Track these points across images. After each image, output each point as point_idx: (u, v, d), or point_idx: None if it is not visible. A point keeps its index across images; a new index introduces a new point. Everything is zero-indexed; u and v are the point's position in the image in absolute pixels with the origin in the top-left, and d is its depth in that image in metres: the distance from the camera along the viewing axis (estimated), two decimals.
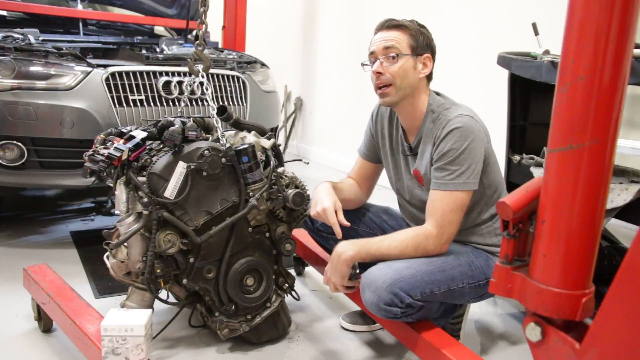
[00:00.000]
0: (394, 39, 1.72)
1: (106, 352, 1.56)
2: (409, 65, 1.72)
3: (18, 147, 2.51)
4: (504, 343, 2.00)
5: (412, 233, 1.69)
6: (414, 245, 1.66)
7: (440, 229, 1.65)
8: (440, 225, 1.65)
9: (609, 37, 0.85)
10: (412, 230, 1.71)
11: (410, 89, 1.73)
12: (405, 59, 1.71)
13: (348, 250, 1.67)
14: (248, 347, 1.88)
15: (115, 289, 2.26)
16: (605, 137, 0.89)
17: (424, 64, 1.74)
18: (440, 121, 1.70)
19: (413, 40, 1.72)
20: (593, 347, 0.90)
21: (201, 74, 1.91)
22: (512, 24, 3.18)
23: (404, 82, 1.72)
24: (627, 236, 2.33)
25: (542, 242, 0.97)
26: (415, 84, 1.73)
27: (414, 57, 1.72)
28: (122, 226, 1.69)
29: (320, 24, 5.04)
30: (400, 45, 1.71)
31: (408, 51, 1.72)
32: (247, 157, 1.70)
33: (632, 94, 2.68)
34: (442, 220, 1.65)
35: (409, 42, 1.72)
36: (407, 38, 1.72)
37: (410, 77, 1.72)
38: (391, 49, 1.71)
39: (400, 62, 1.71)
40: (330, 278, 1.71)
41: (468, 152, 1.64)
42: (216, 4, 3.74)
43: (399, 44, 1.71)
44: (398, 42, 1.72)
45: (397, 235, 1.70)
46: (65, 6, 3.90)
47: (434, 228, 1.65)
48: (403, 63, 1.71)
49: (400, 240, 1.67)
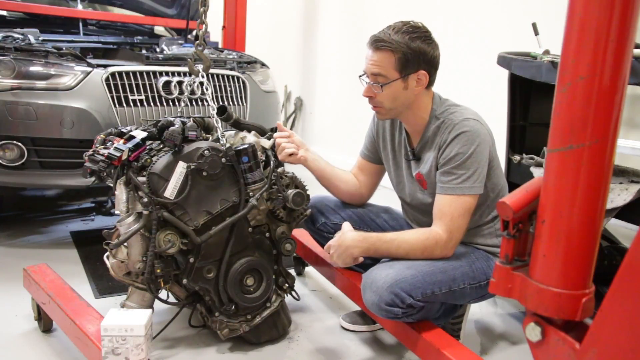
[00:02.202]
0: (380, 65, 1.64)
1: (106, 352, 1.56)
2: (398, 88, 1.66)
3: (18, 147, 2.51)
4: (504, 343, 2.00)
5: (422, 236, 1.67)
6: (423, 249, 1.65)
7: (450, 233, 1.64)
8: (450, 230, 1.64)
9: (609, 37, 0.85)
10: (423, 234, 1.68)
11: (403, 107, 1.71)
12: (393, 85, 1.65)
13: (357, 246, 1.66)
14: (248, 347, 1.88)
15: (115, 289, 2.26)
16: (605, 137, 0.89)
17: (418, 79, 1.67)
18: (446, 125, 1.68)
19: (400, 63, 1.63)
20: (593, 347, 0.90)
21: (201, 74, 1.91)
22: (512, 24, 3.17)
23: (394, 104, 1.70)
24: (627, 236, 2.33)
25: (542, 242, 0.97)
26: (409, 100, 1.70)
27: (404, 78, 1.65)
28: (122, 226, 1.69)
29: (320, 24, 5.04)
30: (386, 72, 1.64)
31: (395, 75, 1.64)
32: (247, 157, 1.70)
33: (632, 94, 2.68)
34: (452, 225, 1.64)
35: (396, 65, 1.63)
36: (393, 61, 1.63)
37: (402, 98, 1.69)
38: (378, 76, 1.66)
39: (387, 89, 1.66)
40: (333, 256, 1.70)
41: (475, 156, 1.63)
42: (216, 4, 3.74)
43: (385, 70, 1.64)
44: (384, 67, 1.64)
45: (406, 237, 1.68)
46: (65, 6, 3.90)
47: (444, 233, 1.64)
48: (390, 89, 1.66)
49: (410, 242, 1.66)
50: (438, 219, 1.67)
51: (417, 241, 1.66)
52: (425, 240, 1.65)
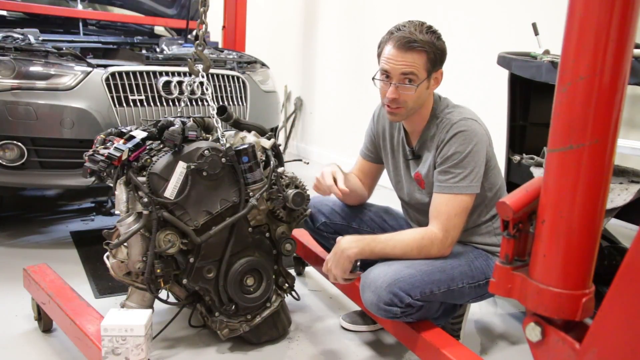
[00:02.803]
0: (413, 65, 1.62)
1: (106, 352, 1.56)
2: (423, 88, 1.66)
3: (18, 147, 2.51)
4: (504, 343, 2.00)
5: (418, 236, 1.68)
6: (419, 248, 1.65)
7: (445, 232, 1.64)
8: (446, 228, 1.64)
9: (609, 37, 0.85)
10: (418, 233, 1.69)
11: (420, 106, 1.72)
12: (422, 83, 1.65)
13: (352, 247, 1.66)
14: (248, 347, 1.88)
15: (115, 289, 2.26)
16: (605, 137, 0.89)
17: (436, 79, 1.69)
18: (444, 125, 1.69)
19: (430, 62, 1.63)
20: (593, 347, 0.90)
21: (201, 74, 1.91)
22: (512, 24, 3.17)
23: (416, 104, 1.69)
24: (627, 236, 2.33)
25: (542, 242, 0.97)
26: (425, 99, 1.71)
27: (428, 78, 1.66)
28: (122, 226, 1.69)
29: (320, 24, 5.04)
30: (418, 72, 1.63)
31: (424, 75, 1.64)
32: (247, 157, 1.70)
33: (632, 94, 2.68)
34: (448, 224, 1.64)
35: (426, 65, 1.63)
36: (424, 61, 1.62)
37: (423, 97, 1.69)
38: (410, 75, 1.63)
39: (416, 87, 1.64)
40: (331, 269, 1.71)
41: (472, 156, 1.64)
42: (216, 4, 3.74)
43: (418, 69, 1.62)
44: (417, 67, 1.62)
45: (402, 236, 1.69)
46: (65, 6, 3.90)
47: (439, 231, 1.65)
48: (419, 88, 1.65)
49: (405, 242, 1.66)
50: (434, 217, 1.67)
51: (413, 240, 1.66)
52: (421, 240, 1.65)
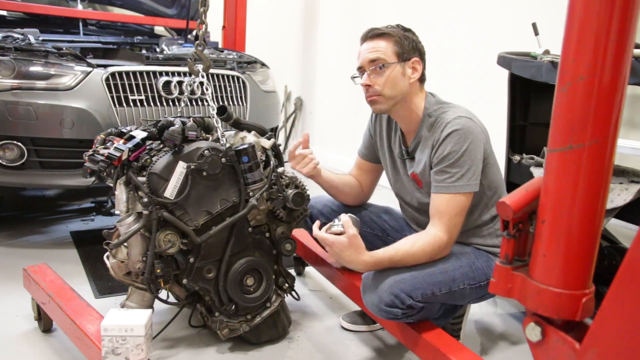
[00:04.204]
0: (379, 50, 1.70)
1: (106, 352, 1.56)
2: (397, 73, 1.70)
3: (18, 147, 2.51)
4: (504, 343, 2.00)
5: (428, 247, 1.62)
6: (428, 258, 1.64)
7: (449, 233, 1.64)
8: (449, 229, 1.64)
9: (609, 37, 0.85)
10: (424, 243, 1.63)
11: (401, 96, 1.72)
12: (392, 68, 1.69)
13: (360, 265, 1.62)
14: (248, 347, 1.88)
15: (115, 289, 2.26)
16: (605, 137, 0.89)
17: (413, 68, 1.72)
18: (438, 124, 1.69)
19: (398, 46, 1.70)
20: (593, 347, 0.90)
21: (201, 74, 1.91)
22: (512, 24, 3.17)
23: (394, 91, 1.70)
24: (627, 236, 2.33)
25: (542, 242, 0.97)
26: (407, 89, 1.72)
27: (402, 63, 1.70)
28: (122, 226, 1.69)
29: (320, 24, 5.04)
30: (385, 55, 1.69)
31: (394, 59, 1.69)
32: (247, 157, 1.70)
33: (632, 94, 2.68)
34: (450, 224, 1.64)
35: (394, 49, 1.70)
36: (391, 45, 1.70)
37: (400, 84, 1.71)
38: (377, 60, 1.69)
39: (387, 72, 1.69)
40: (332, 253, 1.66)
41: (468, 154, 1.63)
42: (216, 4, 3.74)
43: (384, 53, 1.69)
44: (383, 52, 1.69)
45: (409, 248, 1.63)
46: (65, 6, 3.90)
47: (444, 234, 1.63)
48: (390, 72, 1.69)
49: (413, 254, 1.62)
50: (436, 218, 1.66)
51: (423, 254, 1.62)
52: (431, 251, 1.63)
